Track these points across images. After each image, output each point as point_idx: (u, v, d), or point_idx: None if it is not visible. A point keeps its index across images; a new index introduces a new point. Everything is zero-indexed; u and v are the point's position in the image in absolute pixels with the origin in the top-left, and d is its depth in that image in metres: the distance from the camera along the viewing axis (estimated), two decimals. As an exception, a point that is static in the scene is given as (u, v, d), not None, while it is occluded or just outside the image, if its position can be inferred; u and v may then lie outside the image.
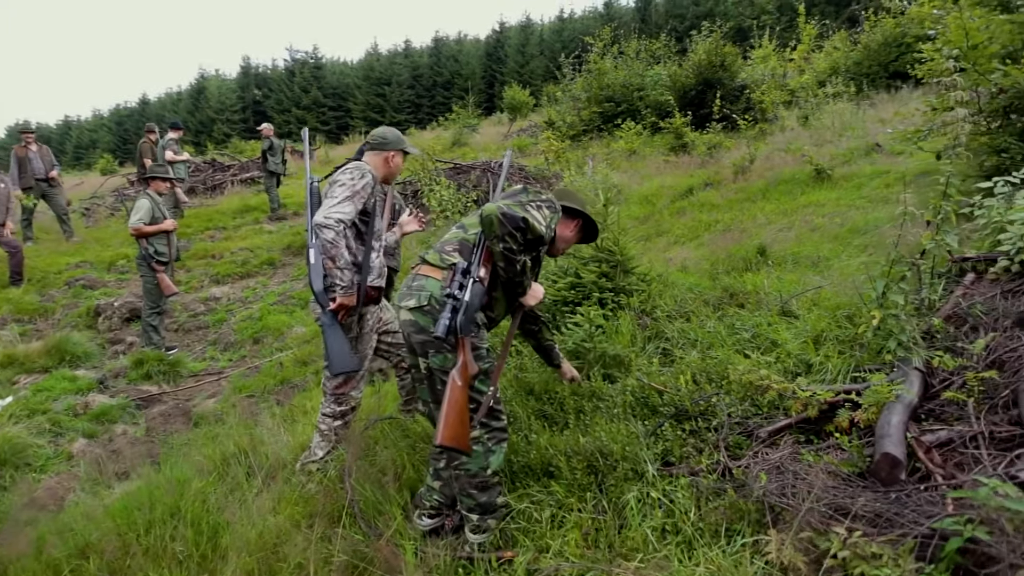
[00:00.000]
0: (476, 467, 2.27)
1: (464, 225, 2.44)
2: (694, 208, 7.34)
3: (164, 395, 5.70)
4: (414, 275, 2.32)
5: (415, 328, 2.22)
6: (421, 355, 2.27)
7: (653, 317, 3.72)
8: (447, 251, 2.30)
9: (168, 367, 6.13)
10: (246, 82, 53.21)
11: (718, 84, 12.30)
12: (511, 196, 2.36)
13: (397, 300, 2.33)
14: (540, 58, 47.12)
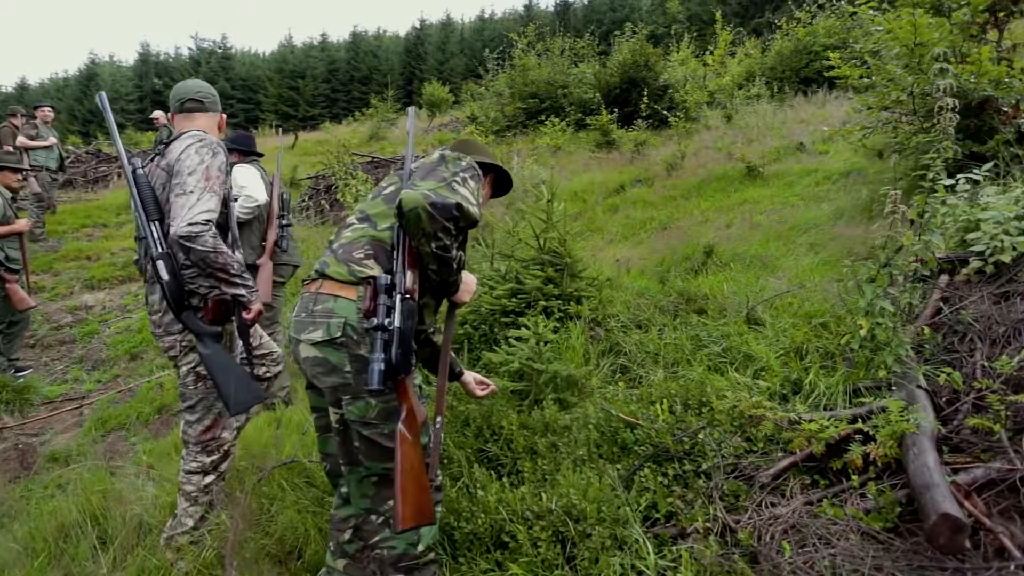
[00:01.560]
0: (404, 544, 1.74)
1: (370, 217, 1.79)
2: (627, 205, 7.01)
3: (4, 430, 4.62)
4: (314, 295, 1.70)
5: (323, 368, 1.65)
6: (332, 403, 1.73)
7: (606, 328, 3.23)
8: (356, 259, 1.69)
9: (14, 394, 5.01)
10: (144, 70, 49.11)
11: (643, 83, 12.23)
12: (430, 174, 1.75)
13: (293, 330, 1.71)
14: (460, 56, 46.58)
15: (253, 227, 3.83)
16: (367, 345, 1.62)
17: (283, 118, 43.10)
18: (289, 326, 1.75)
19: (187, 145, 2.17)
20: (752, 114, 9.78)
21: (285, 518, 2.27)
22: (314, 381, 1.72)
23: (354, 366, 1.62)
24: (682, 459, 2.07)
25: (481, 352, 3.13)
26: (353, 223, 1.81)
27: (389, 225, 1.73)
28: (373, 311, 1.59)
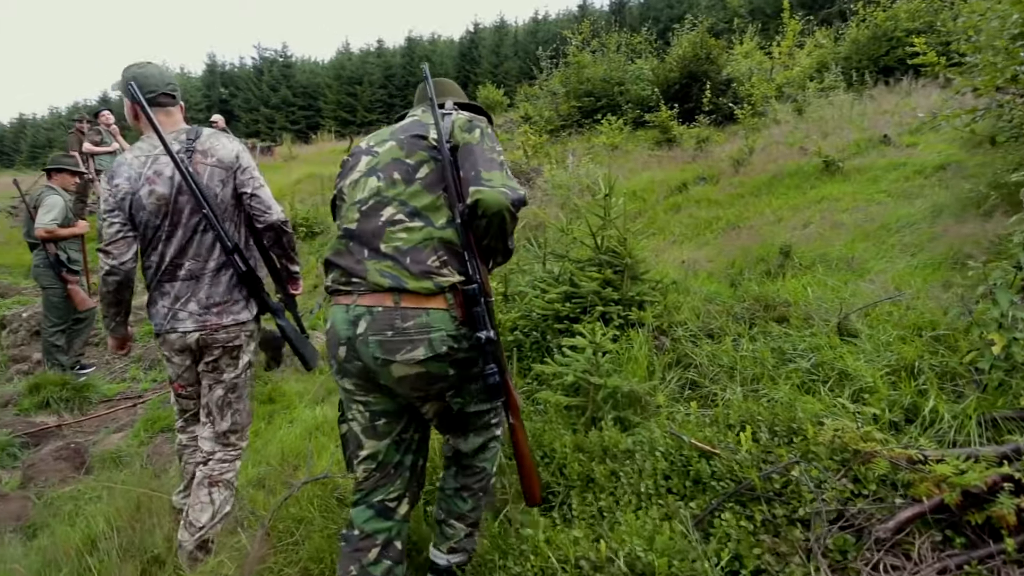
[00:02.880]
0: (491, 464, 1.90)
1: (420, 212, 1.59)
2: (691, 203, 6.56)
3: (63, 428, 4.67)
4: (397, 310, 1.54)
5: (428, 380, 1.59)
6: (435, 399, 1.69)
7: (672, 337, 2.87)
8: (434, 269, 1.55)
9: (73, 392, 5.07)
10: (212, 80, 51.57)
11: (704, 77, 11.66)
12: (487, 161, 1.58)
13: (380, 351, 1.54)
14: (514, 59, 46.57)
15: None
16: (465, 348, 1.59)
17: (342, 124, 44.24)
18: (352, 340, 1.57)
19: (231, 141, 2.28)
20: (827, 106, 9.09)
21: (311, 544, 2.05)
22: (415, 394, 1.62)
23: (457, 369, 1.62)
24: (771, 500, 1.72)
25: (532, 362, 2.84)
26: (402, 219, 1.60)
27: (447, 221, 1.60)
28: (471, 322, 1.56)
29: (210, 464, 2.29)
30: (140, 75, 2.18)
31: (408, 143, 1.68)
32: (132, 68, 2.20)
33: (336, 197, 1.79)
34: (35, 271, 5.28)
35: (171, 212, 2.14)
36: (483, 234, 1.58)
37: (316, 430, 3.18)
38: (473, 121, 1.70)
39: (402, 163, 1.65)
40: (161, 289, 2.22)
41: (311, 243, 7.61)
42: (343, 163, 1.82)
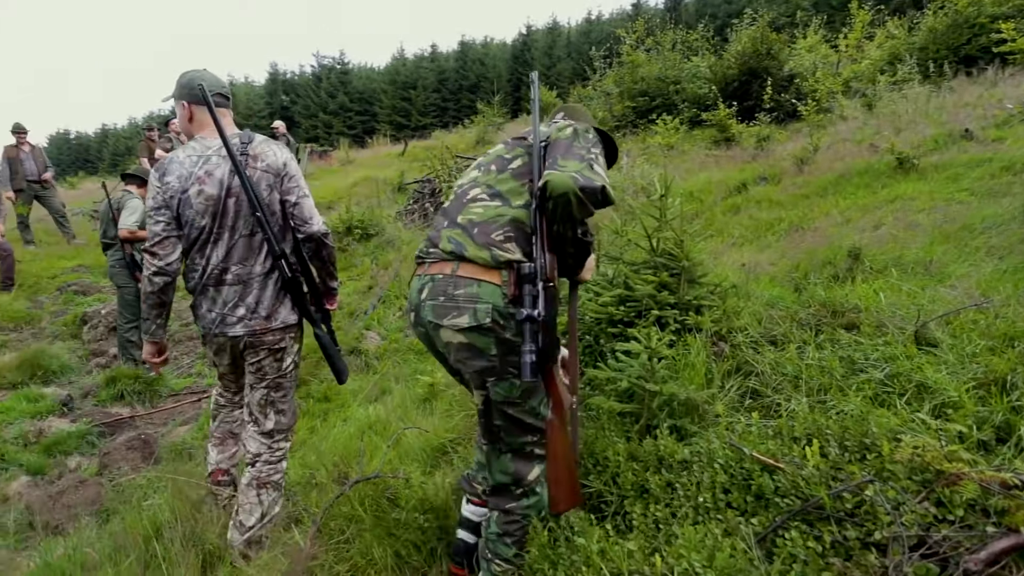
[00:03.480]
0: (535, 512, 1.80)
1: (501, 193, 1.72)
2: (751, 204, 6.32)
3: (135, 419, 4.92)
4: (452, 278, 1.64)
5: (470, 353, 1.64)
6: (478, 386, 1.72)
7: (732, 343, 2.75)
8: (496, 241, 1.64)
9: (145, 386, 5.35)
10: (274, 88, 53.61)
11: (765, 73, 11.25)
12: (569, 152, 1.63)
13: (432, 315, 1.66)
14: (567, 60, 46.39)
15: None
16: (512, 329, 1.60)
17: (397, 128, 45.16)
18: (420, 308, 1.70)
19: (280, 149, 2.30)
20: (900, 100, 8.60)
21: (362, 544, 2.06)
22: (458, 366, 1.70)
23: (500, 349, 1.62)
24: (842, 521, 1.60)
25: (585, 366, 2.78)
26: (483, 198, 1.73)
27: (524, 203, 1.68)
28: (520, 300, 1.56)
29: (257, 466, 2.33)
30: (197, 77, 2.23)
31: (511, 143, 1.85)
32: (189, 72, 2.26)
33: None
34: (111, 271, 5.59)
35: (219, 214, 2.16)
36: (552, 217, 1.60)
37: (369, 429, 3.22)
38: (574, 125, 1.76)
39: (502, 158, 1.81)
40: (207, 294, 2.24)
41: (366, 244, 7.76)
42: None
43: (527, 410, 1.71)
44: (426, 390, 3.61)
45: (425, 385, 3.61)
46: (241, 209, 2.18)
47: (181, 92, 2.24)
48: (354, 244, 7.73)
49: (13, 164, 8.58)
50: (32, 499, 3.71)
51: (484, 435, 1.84)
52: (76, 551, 2.37)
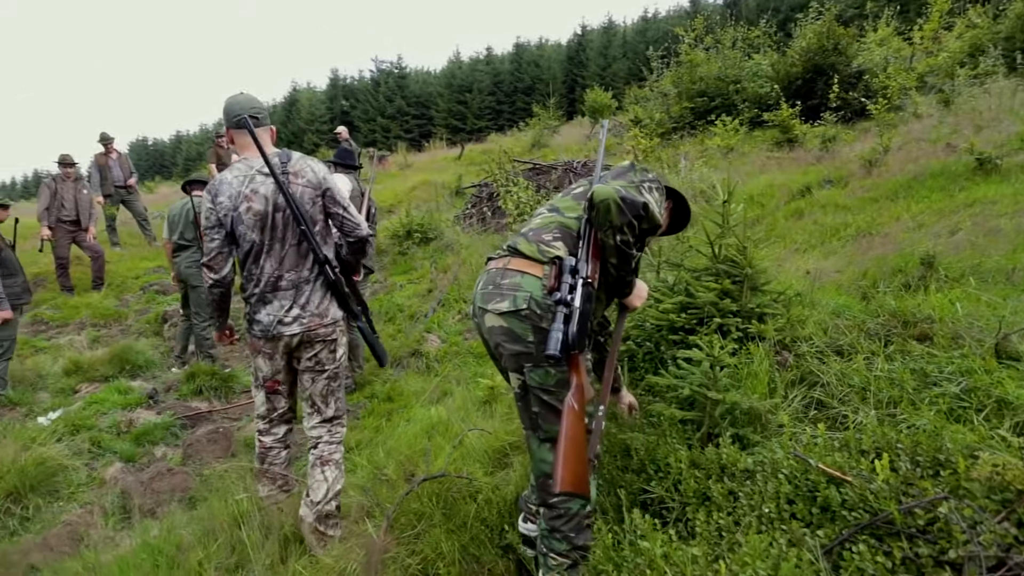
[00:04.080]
0: (578, 505, 1.86)
1: (558, 208, 1.98)
2: (815, 209, 6.14)
3: (213, 413, 5.25)
4: (502, 270, 1.87)
5: (508, 336, 1.81)
6: (514, 369, 1.86)
7: (796, 352, 2.72)
8: (545, 240, 1.87)
9: (220, 382, 5.69)
10: (334, 93, 55.31)
11: (831, 70, 10.84)
12: (620, 175, 1.92)
13: (480, 300, 1.88)
14: (623, 60, 45.89)
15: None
16: (548, 320, 1.75)
17: (452, 131, 45.80)
18: (475, 297, 1.92)
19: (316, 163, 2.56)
20: (981, 95, 8.14)
21: (431, 538, 2.17)
22: (498, 349, 1.84)
23: (536, 337, 1.77)
24: (914, 537, 1.58)
25: (645, 373, 2.81)
26: (543, 212, 2.00)
27: (576, 216, 1.90)
28: (557, 287, 1.72)
29: (319, 447, 2.59)
30: (235, 104, 2.47)
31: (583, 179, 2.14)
32: (228, 99, 2.51)
33: None
34: (187, 271, 5.96)
35: (268, 227, 2.41)
36: (595, 222, 1.77)
37: (432, 430, 3.35)
38: (634, 163, 2.03)
39: (569, 188, 2.09)
40: (265, 300, 2.47)
41: (425, 248, 7.96)
42: None
43: (562, 399, 1.79)
44: (486, 393, 3.71)
45: (485, 388, 3.71)
46: (288, 222, 2.43)
47: (224, 118, 2.52)
48: (414, 248, 7.94)
49: (103, 171, 9.27)
50: (126, 484, 4.03)
51: (524, 422, 1.97)
52: (171, 533, 2.58)
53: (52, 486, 3.99)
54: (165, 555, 2.35)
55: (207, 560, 2.34)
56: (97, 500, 3.92)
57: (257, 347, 2.55)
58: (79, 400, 5.47)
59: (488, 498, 2.32)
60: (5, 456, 4.02)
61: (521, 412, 1.93)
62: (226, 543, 2.51)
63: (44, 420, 4.97)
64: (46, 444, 4.34)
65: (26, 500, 3.79)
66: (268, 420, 2.69)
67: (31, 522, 3.68)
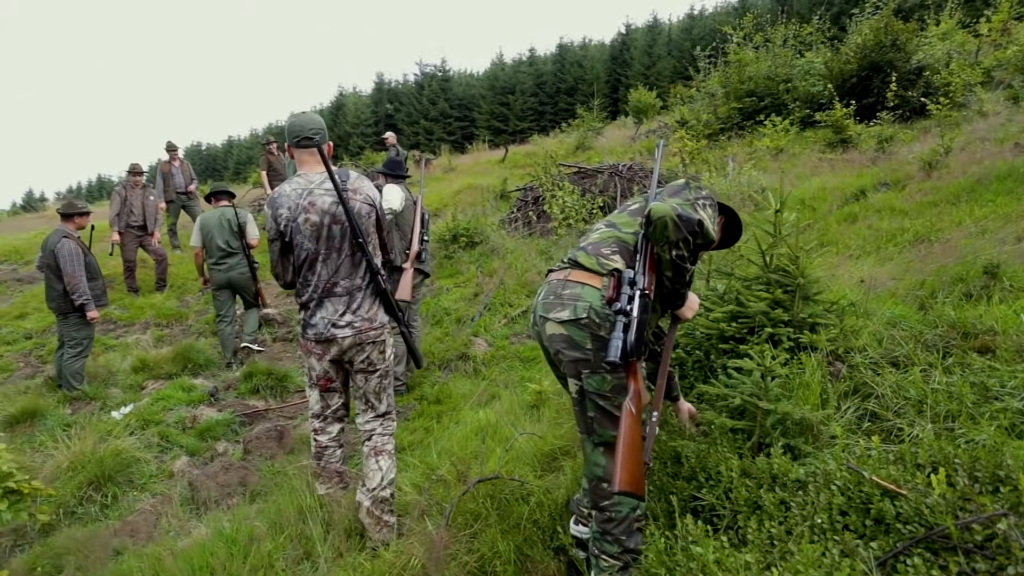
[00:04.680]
0: (627, 508, 1.94)
1: (615, 224, 2.08)
2: (870, 213, 5.98)
3: (269, 411, 5.49)
4: (563, 281, 1.98)
5: (567, 344, 1.91)
6: (572, 375, 1.97)
7: (850, 364, 2.70)
8: (604, 253, 1.97)
9: (276, 381, 5.94)
10: (379, 97, 56.33)
11: (889, 67, 10.47)
12: (676, 193, 1.99)
13: (541, 310, 1.98)
14: (668, 58, 45.26)
15: (394, 236, 4.71)
16: (607, 328, 1.85)
17: (495, 133, 46.06)
18: (536, 307, 2.03)
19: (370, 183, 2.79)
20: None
21: (487, 536, 2.26)
22: (557, 356, 1.94)
23: (594, 344, 1.86)
24: (971, 552, 1.58)
25: (695, 381, 2.84)
26: (600, 227, 2.11)
27: (633, 231, 2.00)
28: (616, 298, 1.83)
29: (373, 439, 2.78)
30: (293, 120, 2.68)
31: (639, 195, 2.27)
32: (290, 118, 2.69)
33: None
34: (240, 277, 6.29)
35: (324, 238, 2.58)
36: (652, 237, 1.86)
37: (482, 432, 3.44)
38: (689, 180, 2.10)
39: (625, 205, 2.19)
40: (321, 304, 2.64)
41: (470, 252, 8.10)
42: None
43: (617, 405, 1.87)
44: (534, 397, 3.78)
45: (533, 393, 3.79)
46: (345, 234, 2.60)
47: (287, 135, 2.71)
48: (459, 252, 8.09)
49: (166, 178, 9.78)
50: (192, 476, 4.28)
51: (580, 426, 2.05)
52: (242, 524, 2.75)
53: (127, 476, 4.27)
54: (239, 544, 2.52)
55: (275, 551, 2.49)
56: (167, 491, 4.18)
57: (310, 348, 2.70)
58: (147, 396, 5.81)
59: (540, 501, 2.40)
60: (86, 447, 4.33)
61: (577, 416, 2.01)
62: (291, 536, 2.66)
63: (117, 414, 5.31)
64: (120, 437, 4.64)
65: (105, 488, 4.08)
66: (322, 418, 2.84)
67: (110, 509, 3.96)
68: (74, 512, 3.86)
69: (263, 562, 2.41)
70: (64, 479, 4.07)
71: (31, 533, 3.53)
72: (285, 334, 7.53)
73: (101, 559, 3.14)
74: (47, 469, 4.19)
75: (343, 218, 2.57)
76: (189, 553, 2.61)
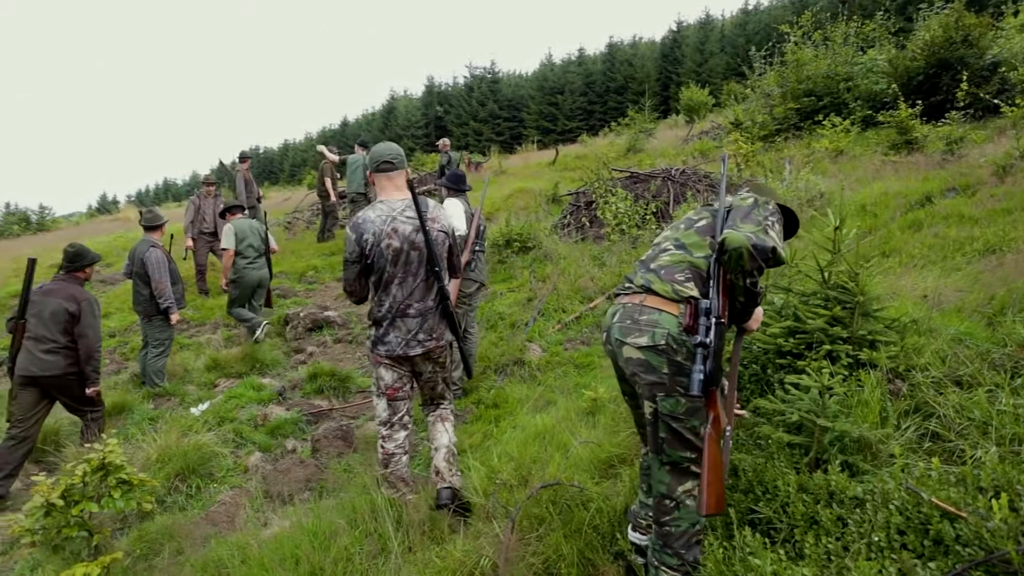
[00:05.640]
0: (687, 523, 2.02)
1: (685, 245, 2.12)
2: (936, 220, 5.79)
3: (332, 411, 5.78)
4: (639, 306, 2.04)
5: (644, 368, 1.98)
6: (648, 397, 2.03)
7: (911, 382, 2.70)
8: (679, 280, 2.02)
9: (339, 382, 6.24)
10: (429, 100, 57.27)
11: (959, 64, 10.04)
12: (748, 217, 2.00)
13: (618, 333, 2.04)
14: (720, 55, 44.27)
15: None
16: (683, 354, 1.93)
17: (543, 133, 46.13)
18: (611, 328, 2.09)
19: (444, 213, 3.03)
20: None
21: (551, 540, 2.39)
22: (633, 379, 2.03)
23: (671, 369, 1.94)
24: (1033, 577, 1.61)
25: (751, 395, 2.89)
26: (669, 248, 2.14)
27: (704, 255, 2.04)
28: (695, 329, 1.90)
29: (439, 410, 3.20)
30: (375, 148, 2.93)
31: (702, 208, 2.26)
32: (372, 147, 2.96)
33: None
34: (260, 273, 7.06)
35: (403, 262, 2.80)
36: (727, 267, 1.94)
37: (540, 437, 3.58)
38: (755, 196, 2.12)
39: (690, 219, 2.23)
40: (395, 323, 2.86)
41: (523, 257, 8.25)
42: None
43: (688, 427, 1.96)
44: (589, 404, 3.90)
45: (589, 399, 3.90)
46: (422, 260, 2.83)
47: (369, 162, 2.97)
48: (513, 256, 8.25)
49: (248, 185, 10.31)
50: (265, 472, 4.58)
51: (651, 445, 2.12)
52: (320, 519, 2.98)
53: (208, 469, 4.61)
54: (320, 538, 2.74)
55: (352, 545, 2.70)
56: (243, 484, 4.49)
57: (379, 361, 2.91)
58: (220, 394, 6.21)
59: (600, 507, 2.51)
60: (170, 440, 4.70)
61: (650, 436, 2.08)
62: (365, 531, 2.86)
63: (195, 411, 5.71)
64: (200, 433, 5.01)
65: (190, 480, 4.42)
66: (389, 425, 3.04)
67: (194, 499, 4.30)
68: (163, 501, 4.21)
69: (343, 555, 2.62)
70: (154, 469, 4.44)
71: (130, 519, 3.88)
72: (344, 335, 7.86)
73: (192, 545, 3.44)
74: (138, 460, 4.58)
75: (421, 245, 2.79)
76: (274, 543, 2.86)
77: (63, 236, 19.53)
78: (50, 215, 25.89)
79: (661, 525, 2.05)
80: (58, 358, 4.35)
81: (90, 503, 2.66)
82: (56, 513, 2.57)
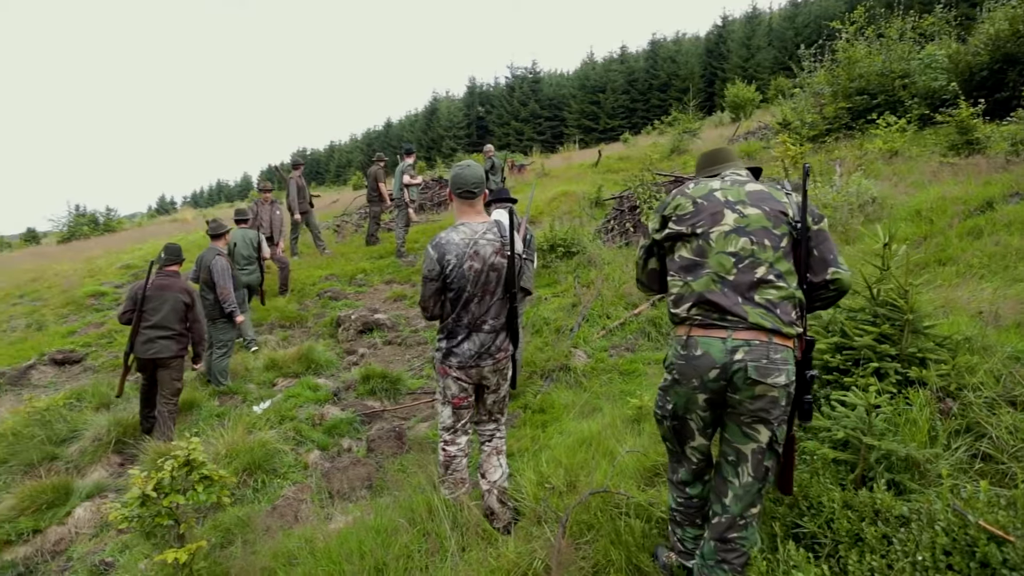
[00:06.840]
0: (750, 544, 2.16)
1: (783, 275, 2.12)
2: (997, 228, 5.61)
3: (385, 412, 6.03)
4: (769, 344, 2.06)
5: (774, 404, 2.08)
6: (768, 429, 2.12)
7: (962, 401, 2.71)
8: (793, 319, 2.11)
9: (390, 384, 6.48)
10: (471, 100, 57.78)
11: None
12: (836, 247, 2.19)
13: (755, 374, 2.04)
14: (768, 49, 43.19)
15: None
16: (794, 383, 2.10)
17: (585, 132, 45.93)
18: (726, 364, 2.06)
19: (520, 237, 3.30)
20: None
21: (599, 545, 2.52)
22: (762, 413, 2.09)
23: (788, 401, 2.10)
24: (1080, 604, 1.65)
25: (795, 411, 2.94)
26: (771, 279, 2.10)
27: (797, 283, 2.14)
28: (808, 364, 2.10)
29: (494, 441, 3.26)
30: (457, 172, 3.07)
31: (773, 216, 2.17)
32: (454, 169, 3.09)
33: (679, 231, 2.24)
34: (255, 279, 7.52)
35: (482, 283, 2.99)
36: (823, 301, 2.19)
37: (587, 444, 3.70)
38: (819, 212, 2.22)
39: (770, 232, 2.15)
40: (470, 337, 3.04)
41: (568, 262, 8.34)
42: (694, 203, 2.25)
43: (775, 452, 2.14)
44: (635, 411, 3.99)
45: (634, 407, 4.00)
46: (500, 280, 3.02)
47: (451, 185, 3.10)
48: (557, 261, 8.37)
49: (301, 191, 10.73)
50: (325, 469, 4.85)
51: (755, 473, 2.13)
52: (381, 516, 3.19)
53: (271, 465, 4.91)
54: (382, 534, 2.93)
55: (411, 543, 2.88)
56: (304, 480, 4.77)
57: (448, 372, 3.08)
58: (279, 392, 6.55)
59: (649, 515, 2.62)
60: (237, 437, 5.02)
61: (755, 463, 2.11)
62: (423, 531, 3.05)
63: (257, 409, 6.05)
64: (263, 430, 5.32)
65: (256, 475, 4.72)
66: (452, 431, 3.21)
67: (261, 493, 4.59)
68: (233, 494, 4.52)
69: (403, 552, 2.80)
70: (223, 464, 4.76)
71: (203, 509, 4.19)
72: (394, 338, 8.13)
73: (261, 537, 3.71)
74: (209, 455, 4.91)
75: (501, 267, 2.99)
76: (340, 538, 3.07)
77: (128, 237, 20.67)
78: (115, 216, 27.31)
79: (726, 542, 2.15)
80: (171, 343, 5.27)
81: (177, 495, 2.93)
82: (150, 503, 2.84)
